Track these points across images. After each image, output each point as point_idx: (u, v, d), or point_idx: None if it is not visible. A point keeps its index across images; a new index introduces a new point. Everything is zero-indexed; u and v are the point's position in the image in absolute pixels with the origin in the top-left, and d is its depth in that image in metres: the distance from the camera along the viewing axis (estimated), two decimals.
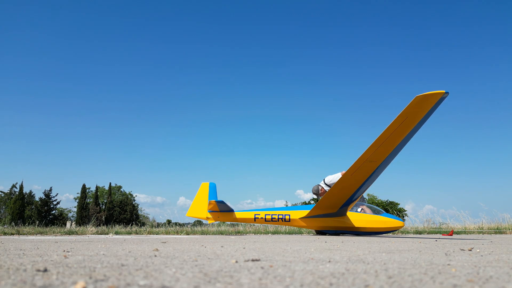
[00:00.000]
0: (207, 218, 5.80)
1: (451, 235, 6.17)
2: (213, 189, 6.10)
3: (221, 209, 5.73)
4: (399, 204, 62.91)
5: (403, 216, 62.94)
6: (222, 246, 3.61)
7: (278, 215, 5.83)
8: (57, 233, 8.52)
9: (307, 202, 69.67)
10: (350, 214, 5.87)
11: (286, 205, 48.45)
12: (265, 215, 5.82)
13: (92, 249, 3.16)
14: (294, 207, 6.07)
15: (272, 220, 5.84)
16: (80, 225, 45.52)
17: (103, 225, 42.54)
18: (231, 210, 5.78)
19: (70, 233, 8.80)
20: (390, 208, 62.68)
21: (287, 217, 5.83)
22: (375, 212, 6.24)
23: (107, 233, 10.46)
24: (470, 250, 3.30)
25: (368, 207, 6.43)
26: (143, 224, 60.87)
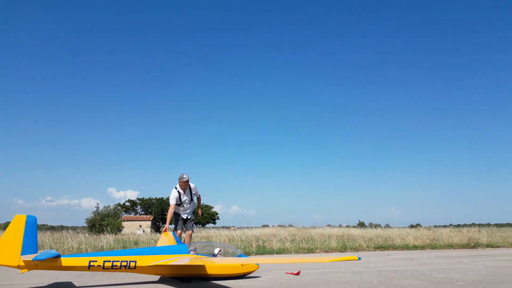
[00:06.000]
0: (19, 267, 4.35)
1: (297, 274, 5.77)
2: (31, 225, 4.56)
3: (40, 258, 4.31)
4: (212, 207, 62.44)
5: (215, 220, 61.53)
6: None
7: (121, 261, 4.64)
8: None
9: (121, 203, 59.36)
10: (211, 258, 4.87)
11: (97, 205, 35.50)
12: (104, 261, 4.59)
13: None
14: (142, 249, 4.98)
15: (112, 268, 4.63)
16: None
17: None
18: (56, 255, 4.42)
19: None
20: (204, 212, 60.83)
21: (132, 263, 4.66)
22: (234, 254, 5.82)
23: None
24: None
25: (227, 248, 5.76)
26: None
